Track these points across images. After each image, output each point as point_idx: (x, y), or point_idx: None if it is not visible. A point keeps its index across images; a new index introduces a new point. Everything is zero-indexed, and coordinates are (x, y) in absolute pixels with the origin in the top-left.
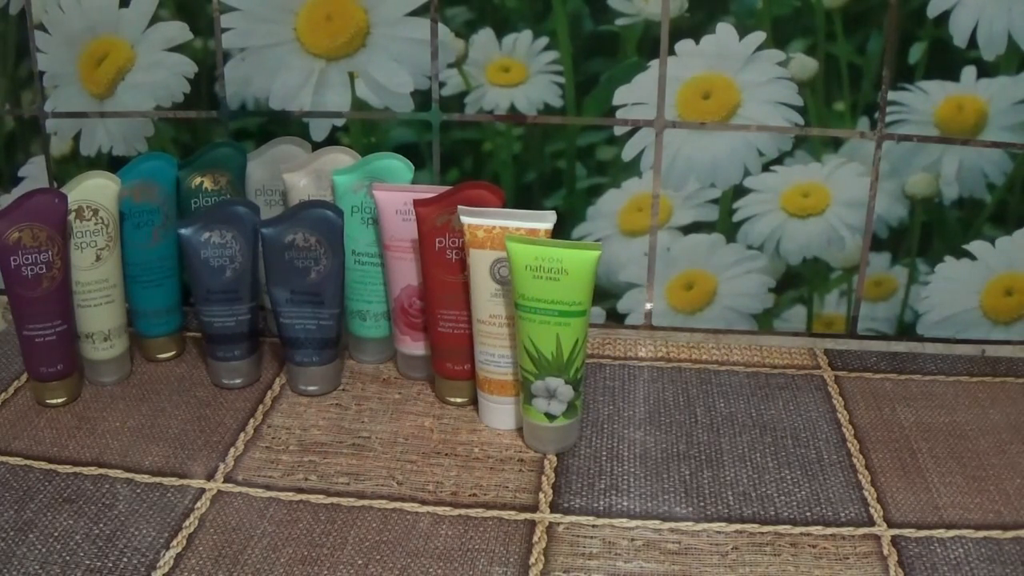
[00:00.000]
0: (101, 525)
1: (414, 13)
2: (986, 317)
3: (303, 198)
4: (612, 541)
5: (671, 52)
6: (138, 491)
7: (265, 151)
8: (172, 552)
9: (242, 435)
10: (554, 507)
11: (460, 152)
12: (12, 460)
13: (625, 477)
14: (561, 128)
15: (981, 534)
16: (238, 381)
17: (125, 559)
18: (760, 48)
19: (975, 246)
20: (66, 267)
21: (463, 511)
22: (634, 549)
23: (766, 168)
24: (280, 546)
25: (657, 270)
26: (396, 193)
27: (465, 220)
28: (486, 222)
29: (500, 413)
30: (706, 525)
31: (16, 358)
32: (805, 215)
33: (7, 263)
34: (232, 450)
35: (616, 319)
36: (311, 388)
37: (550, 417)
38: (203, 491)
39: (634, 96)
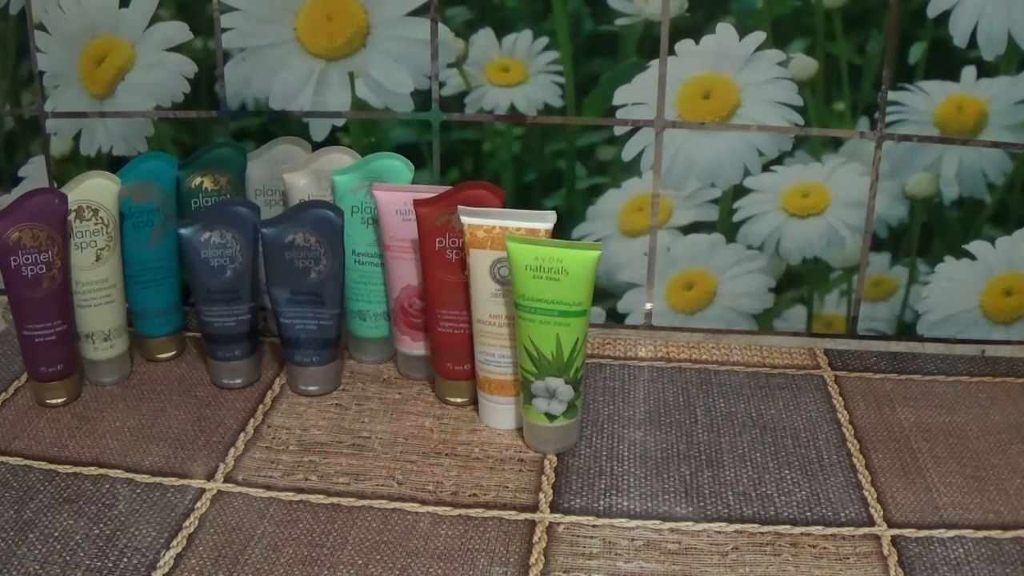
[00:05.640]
0: (101, 525)
1: (414, 13)
2: (986, 317)
3: (303, 198)
4: (612, 541)
5: (671, 52)
6: (138, 491)
7: (265, 151)
8: (172, 552)
9: (242, 435)
10: (554, 507)
11: (460, 152)
12: (12, 460)
13: (625, 477)
14: (561, 128)
15: (981, 534)
16: (238, 381)
17: (125, 559)
18: (760, 48)
19: (975, 246)
20: (66, 267)
21: (463, 511)
22: (634, 549)
23: (766, 168)
24: (280, 546)
25: (657, 270)
26: (396, 193)
27: (465, 220)
28: (486, 222)
29: (500, 413)
30: (706, 525)
31: (16, 358)
32: (805, 215)
33: (7, 263)
34: (232, 450)
35: (616, 319)
36: (311, 388)
37: (550, 417)
38: (203, 491)
39: (634, 96)
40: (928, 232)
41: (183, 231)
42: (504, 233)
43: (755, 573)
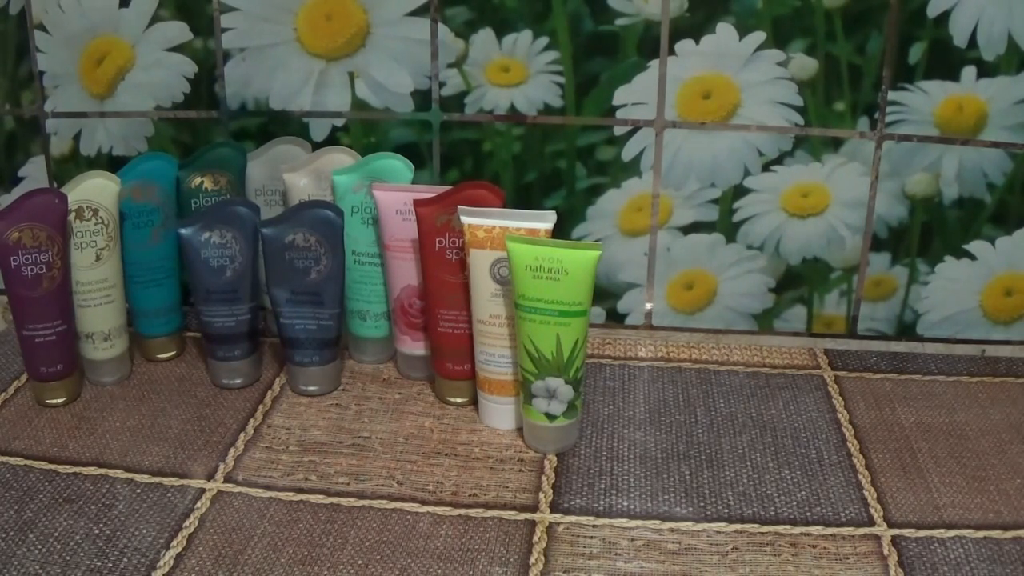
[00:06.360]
0: (101, 525)
1: (414, 13)
2: (986, 317)
3: (303, 198)
4: (612, 541)
5: (671, 52)
6: (138, 491)
7: (265, 151)
8: (172, 552)
9: (242, 435)
10: (554, 507)
11: (460, 152)
12: (12, 460)
13: (625, 477)
14: (561, 128)
15: (981, 534)
16: (238, 381)
17: (125, 559)
18: (760, 48)
19: (975, 246)
20: (66, 267)
21: (463, 511)
22: (634, 549)
23: (766, 168)
24: (280, 546)
25: (657, 270)
26: (396, 193)
27: (465, 220)
28: (486, 222)
29: (500, 413)
30: (706, 525)
31: (16, 358)
32: (805, 215)
33: (7, 263)
34: (232, 450)
35: (616, 319)
36: (311, 388)
37: (550, 417)
38: (203, 491)
39: (634, 96)
40: (928, 232)
41: (183, 231)
42: (504, 233)
43: (755, 573)
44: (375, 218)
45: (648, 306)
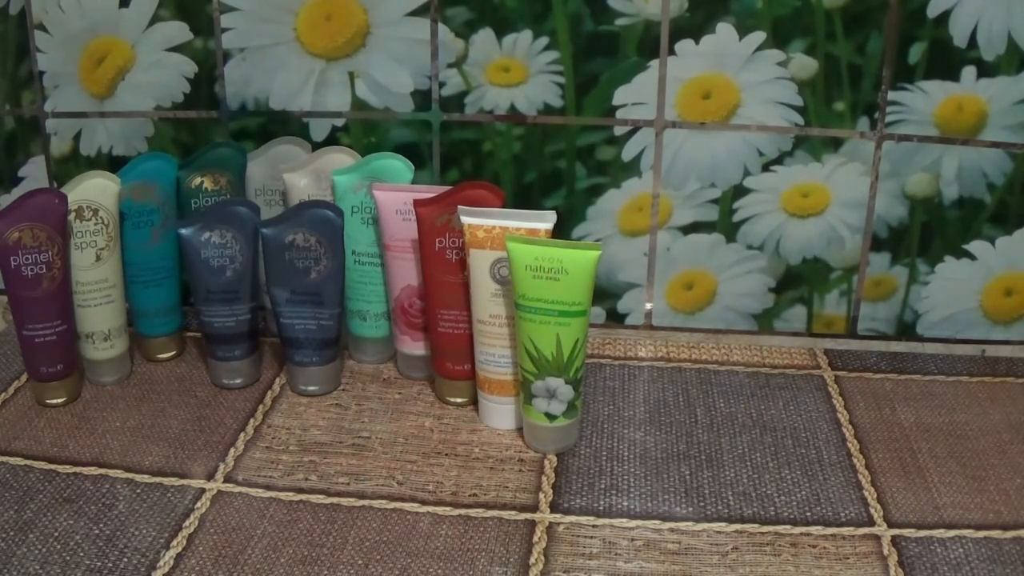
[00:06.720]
0: (101, 525)
1: (414, 13)
2: (986, 317)
3: (303, 198)
4: (612, 541)
5: (671, 52)
6: (138, 491)
7: (265, 151)
8: (172, 552)
9: (242, 435)
10: (554, 507)
11: (460, 152)
12: (12, 460)
13: (625, 477)
14: (561, 128)
15: (981, 534)
16: (238, 381)
17: (125, 559)
18: (760, 48)
19: (975, 246)
20: (66, 267)
21: (463, 511)
22: (634, 549)
23: (766, 168)
24: (280, 546)
25: (657, 270)
26: (396, 193)
27: (465, 220)
28: (486, 222)
29: (500, 413)
30: (706, 525)
31: (16, 358)
32: (805, 215)
33: (7, 263)
34: (232, 450)
35: (616, 319)
36: (311, 388)
37: (550, 417)
38: (203, 491)
39: (634, 96)
40: (928, 232)
41: (183, 231)
42: (504, 233)
43: (755, 573)
44: (375, 218)
45: (648, 306)
